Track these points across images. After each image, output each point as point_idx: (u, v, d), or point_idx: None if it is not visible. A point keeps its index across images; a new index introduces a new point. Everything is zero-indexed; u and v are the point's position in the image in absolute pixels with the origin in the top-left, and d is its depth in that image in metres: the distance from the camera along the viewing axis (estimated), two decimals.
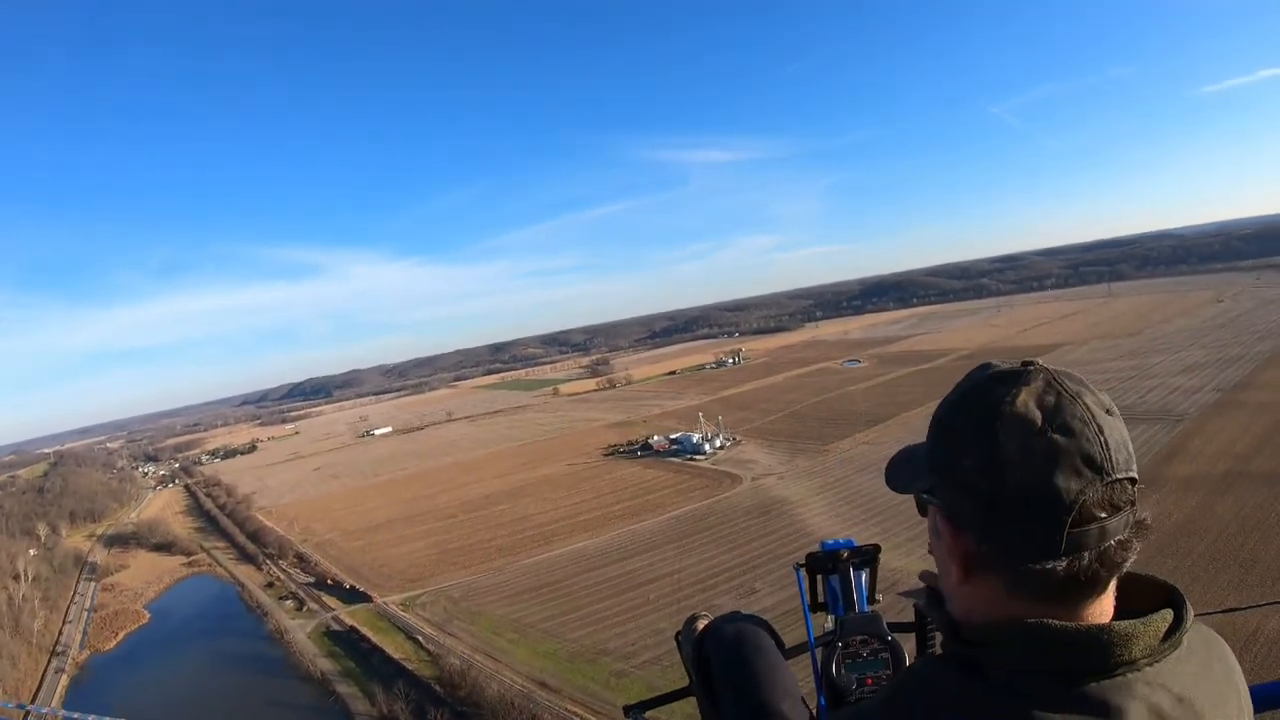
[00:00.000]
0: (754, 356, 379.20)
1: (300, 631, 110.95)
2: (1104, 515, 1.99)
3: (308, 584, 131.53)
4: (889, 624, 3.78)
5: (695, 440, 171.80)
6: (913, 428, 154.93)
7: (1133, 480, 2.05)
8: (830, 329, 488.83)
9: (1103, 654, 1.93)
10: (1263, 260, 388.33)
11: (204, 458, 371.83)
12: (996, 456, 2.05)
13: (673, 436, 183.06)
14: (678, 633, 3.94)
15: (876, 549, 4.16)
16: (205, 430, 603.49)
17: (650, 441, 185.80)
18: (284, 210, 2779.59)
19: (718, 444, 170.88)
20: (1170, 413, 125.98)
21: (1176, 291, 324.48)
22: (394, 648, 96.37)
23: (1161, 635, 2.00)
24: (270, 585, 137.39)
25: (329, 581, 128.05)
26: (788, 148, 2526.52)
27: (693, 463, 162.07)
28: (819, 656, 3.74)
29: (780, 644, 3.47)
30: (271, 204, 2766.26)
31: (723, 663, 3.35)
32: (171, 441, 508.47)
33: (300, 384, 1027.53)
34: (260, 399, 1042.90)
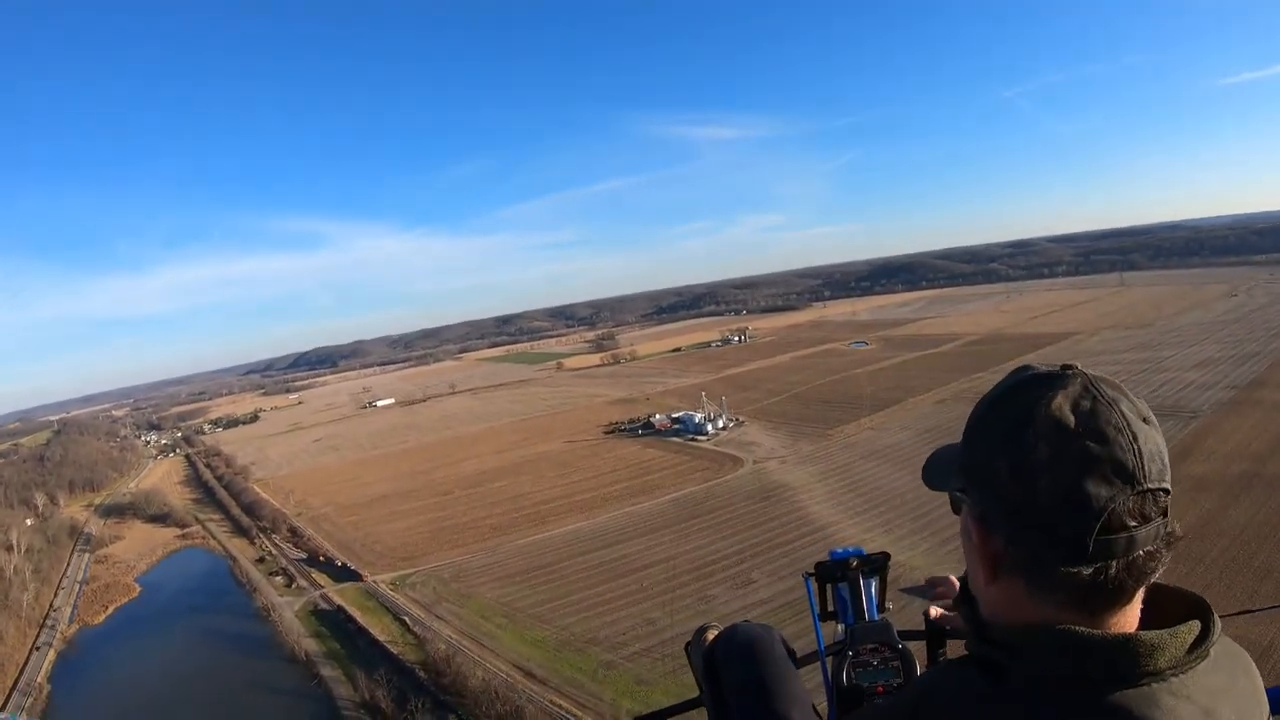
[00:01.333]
0: (760, 335, 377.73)
1: (288, 609, 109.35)
2: (1134, 525, 1.99)
3: (299, 560, 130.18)
4: (900, 632, 3.79)
5: (698, 420, 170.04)
6: (919, 414, 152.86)
7: (1166, 491, 2.05)
8: (838, 309, 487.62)
9: (1128, 663, 1.92)
10: (1277, 255, 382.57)
11: (206, 427, 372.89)
12: (1028, 459, 2.04)
13: (675, 415, 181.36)
14: (688, 643, 4.00)
15: (886, 557, 4.21)
16: (210, 399, 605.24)
17: (652, 420, 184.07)
18: (292, 181, 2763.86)
19: (720, 424, 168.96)
20: (1183, 409, 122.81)
21: (1190, 283, 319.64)
22: (380, 629, 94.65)
23: (1188, 647, 1.97)
24: (261, 560, 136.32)
25: (321, 558, 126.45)
26: (797, 126, 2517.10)
27: (694, 443, 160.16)
28: (829, 665, 3.77)
29: (791, 653, 3.57)
30: (279, 174, 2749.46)
31: (734, 672, 3.44)
32: (176, 410, 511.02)
33: (306, 354, 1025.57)
34: (266, 368, 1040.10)
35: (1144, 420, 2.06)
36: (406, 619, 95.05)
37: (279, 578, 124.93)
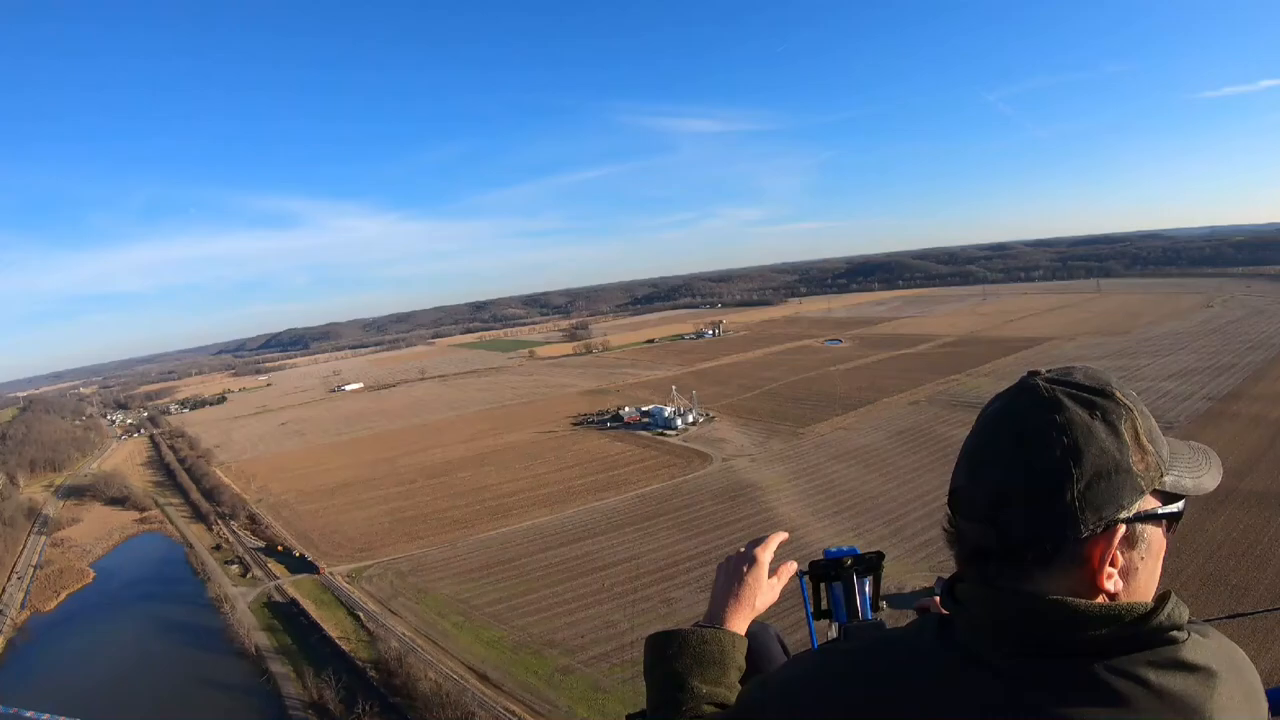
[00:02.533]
0: (734, 329, 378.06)
1: (242, 600, 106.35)
2: (957, 516, 2.33)
3: (256, 549, 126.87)
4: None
5: (667, 414, 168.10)
6: (892, 414, 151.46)
7: (965, 492, 2.27)
8: (813, 305, 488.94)
9: (1048, 628, 2.06)
10: (1253, 268, 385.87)
11: (173, 407, 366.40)
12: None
13: (644, 409, 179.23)
14: None
15: (880, 556, 4.21)
16: (179, 379, 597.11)
17: (621, 412, 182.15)
18: (271, 159, 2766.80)
19: (690, 419, 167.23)
20: (1159, 420, 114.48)
21: (1166, 293, 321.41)
22: (333, 624, 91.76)
23: (1125, 622, 2.02)
24: (218, 548, 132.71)
25: (279, 548, 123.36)
26: (779, 121, 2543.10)
27: (663, 438, 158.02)
28: None
29: (786, 650, 3.77)
30: (259, 152, 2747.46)
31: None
32: (144, 389, 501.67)
33: (278, 335, 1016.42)
34: (237, 349, 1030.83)
35: (1003, 422, 2.24)
36: (361, 614, 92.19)
37: (235, 566, 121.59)
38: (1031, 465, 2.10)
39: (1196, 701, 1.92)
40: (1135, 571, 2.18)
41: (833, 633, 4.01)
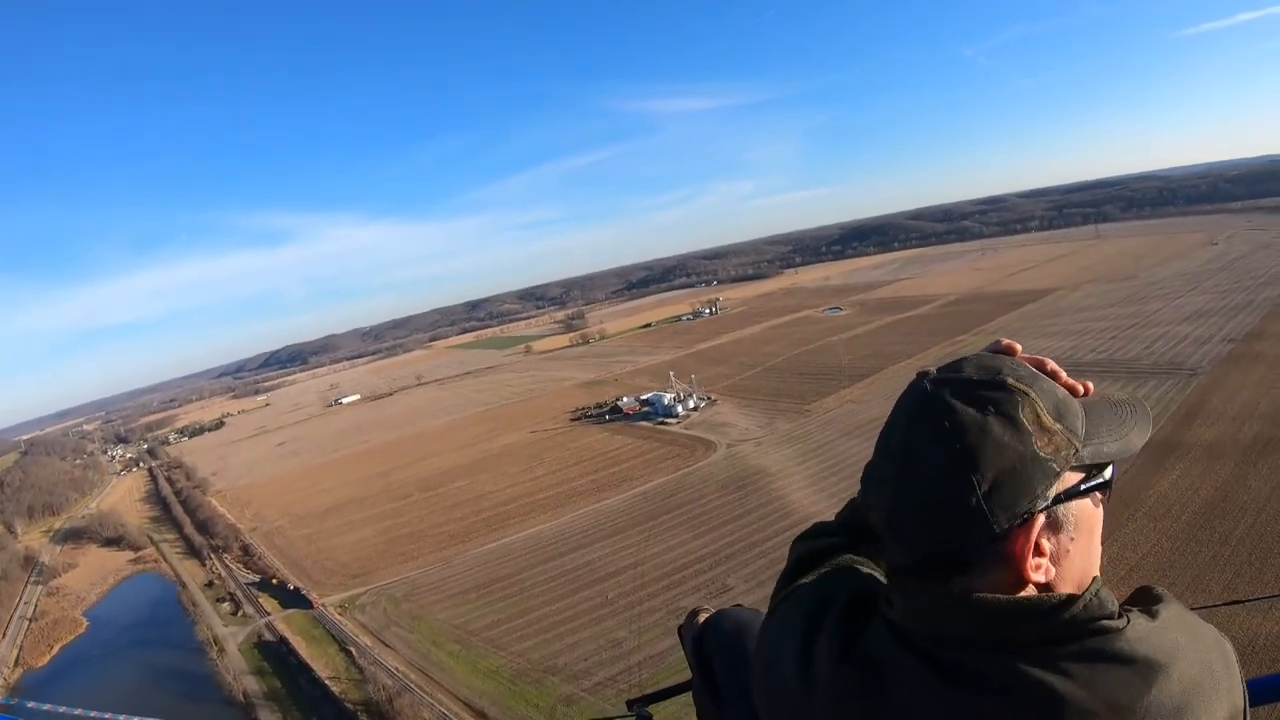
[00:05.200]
0: (731, 306, 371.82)
1: (232, 641, 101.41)
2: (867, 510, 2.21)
3: (249, 583, 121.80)
4: None
5: (667, 401, 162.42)
6: (900, 383, 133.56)
7: (880, 512, 2.13)
8: (810, 275, 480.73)
9: (962, 622, 1.98)
10: (1252, 202, 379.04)
11: (172, 437, 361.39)
12: None
13: (643, 398, 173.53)
14: (680, 626, 4.07)
15: None
16: (180, 406, 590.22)
17: (619, 404, 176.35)
18: (259, 175, 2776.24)
19: (690, 405, 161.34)
20: (1181, 366, 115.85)
21: (1167, 233, 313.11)
22: (324, 663, 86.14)
23: (1041, 613, 1.94)
24: (210, 584, 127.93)
25: (273, 580, 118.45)
26: (763, 92, 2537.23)
27: (664, 427, 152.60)
28: None
29: None
30: (246, 169, 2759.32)
31: (723, 655, 3.57)
32: (145, 420, 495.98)
33: (276, 352, 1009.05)
34: (237, 370, 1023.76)
35: (891, 435, 2.15)
36: (353, 649, 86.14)
37: (226, 604, 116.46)
38: (924, 481, 2.00)
39: (1127, 697, 1.79)
40: (1068, 554, 2.08)
41: None
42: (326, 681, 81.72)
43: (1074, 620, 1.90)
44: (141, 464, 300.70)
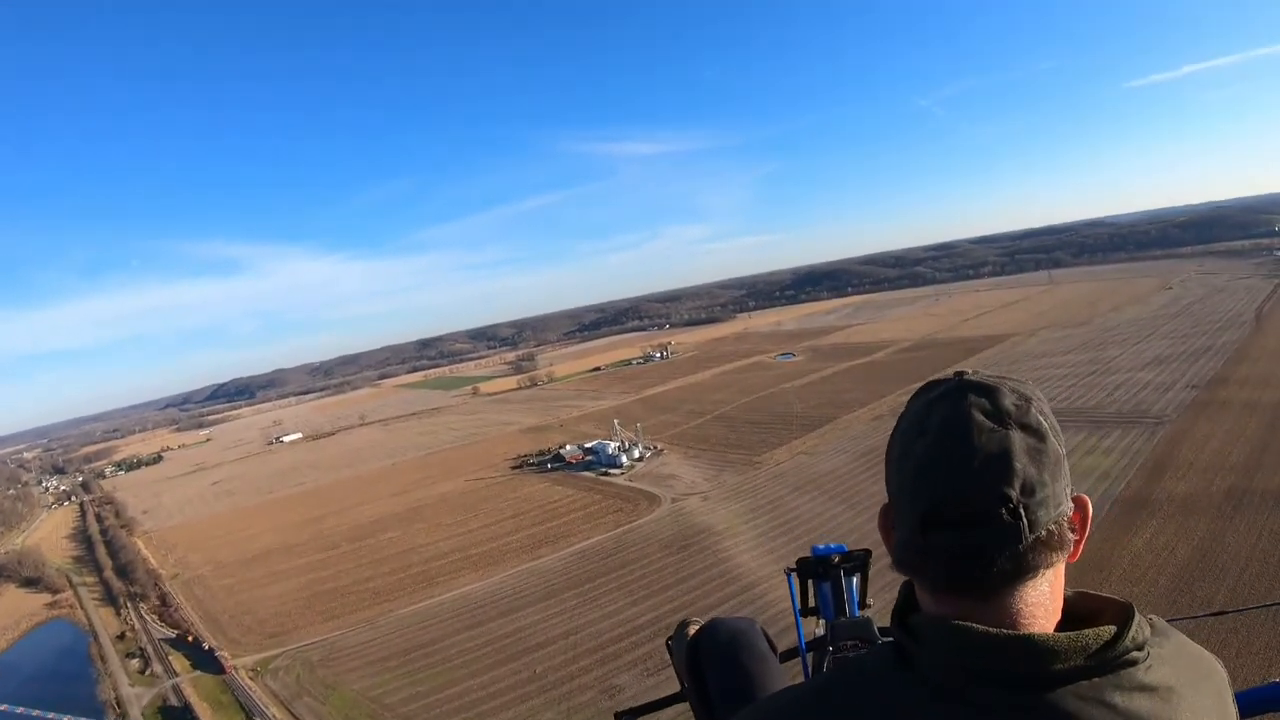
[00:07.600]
0: (683, 350, 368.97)
1: (135, 705, 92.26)
2: (960, 524, 2.02)
3: (163, 639, 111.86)
4: (880, 629, 3.90)
5: (611, 450, 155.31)
6: (854, 433, 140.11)
7: (1000, 494, 2.00)
8: (763, 320, 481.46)
9: (1023, 663, 1.92)
10: (1201, 247, 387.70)
11: (109, 470, 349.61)
12: (888, 457, 2.25)
13: (587, 446, 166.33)
14: (669, 638, 4.11)
15: (868, 554, 4.29)
16: (123, 437, 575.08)
17: (563, 451, 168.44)
18: (210, 204, 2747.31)
19: (635, 454, 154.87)
20: (1145, 414, 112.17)
21: (1120, 278, 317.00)
22: None
23: (1092, 651, 1.93)
24: (122, 637, 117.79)
25: (187, 638, 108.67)
26: (716, 139, 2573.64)
27: (607, 478, 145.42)
28: (810, 661, 4.06)
29: (773, 647, 3.74)
30: (197, 198, 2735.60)
31: (716, 665, 3.58)
32: (84, 450, 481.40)
33: (224, 385, 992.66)
34: (183, 401, 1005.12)
35: (997, 422, 2.09)
36: None
37: (135, 660, 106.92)
38: (1020, 460, 2.02)
39: None
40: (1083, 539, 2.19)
41: (820, 630, 4.05)
42: None
43: (1120, 653, 1.93)
44: (74, 497, 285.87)
